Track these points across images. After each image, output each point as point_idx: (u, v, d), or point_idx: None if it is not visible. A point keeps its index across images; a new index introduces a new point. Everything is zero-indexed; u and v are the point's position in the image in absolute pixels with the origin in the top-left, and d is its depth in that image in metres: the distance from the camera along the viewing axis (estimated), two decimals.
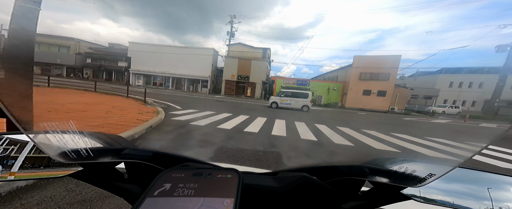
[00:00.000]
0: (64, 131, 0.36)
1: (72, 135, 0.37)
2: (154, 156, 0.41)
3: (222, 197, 0.25)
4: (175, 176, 0.29)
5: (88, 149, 0.37)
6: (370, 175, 0.41)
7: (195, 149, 3.59)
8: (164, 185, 0.27)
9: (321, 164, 0.46)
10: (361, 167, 0.44)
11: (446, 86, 37.97)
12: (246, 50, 33.07)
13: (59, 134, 0.35)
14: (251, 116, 8.93)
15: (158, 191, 0.26)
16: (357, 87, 30.27)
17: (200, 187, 0.27)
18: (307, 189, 0.36)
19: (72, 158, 0.35)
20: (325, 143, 5.07)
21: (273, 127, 6.46)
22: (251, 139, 4.66)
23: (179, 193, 0.26)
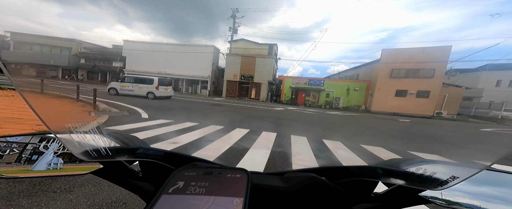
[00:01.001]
0: (86, 131, 0.34)
1: (93, 135, 0.36)
2: (165, 156, 0.38)
3: (231, 197, 0.23)
4: (188, 174, 0.27)
5: (107, 148, 0.35)
6: (384, 177, 0.35)
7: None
8: (177, 183, 0.25)
9: (330, 165, 0.32)
10: (374, 168, 0.37)
11: (492, 85, 25.61)
12: (250, 47, 24.44)
13: (82, 134, 0.34)
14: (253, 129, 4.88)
15: (173, 189, 0.24)
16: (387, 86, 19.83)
17: (210, 186, 0.24)
18: (315, 189, 0.31)
19: (93, 156, 0.33)
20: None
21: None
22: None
23: (191, 191, 0.23)
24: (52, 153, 0.40)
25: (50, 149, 0.40)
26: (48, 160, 0.39)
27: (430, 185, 0.30)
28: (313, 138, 4.55)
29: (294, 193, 0.31)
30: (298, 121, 8.71)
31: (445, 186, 0.29)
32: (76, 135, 0.33)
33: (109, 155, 0.34)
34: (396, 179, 0.34)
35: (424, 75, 19.23)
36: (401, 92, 20.07)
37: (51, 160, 0.39)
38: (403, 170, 0.36)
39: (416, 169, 0.34)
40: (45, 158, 0.39)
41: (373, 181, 0.36)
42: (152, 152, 0.38)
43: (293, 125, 6.82)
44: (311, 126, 7.40)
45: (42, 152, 0.39)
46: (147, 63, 24.09)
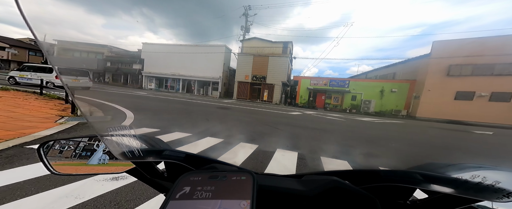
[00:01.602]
0: (124, 134, 0.36)
1: (129, 137, 0.36)
2: (186, 157, 0.37)
3: (238, 199, 0.21)
4: (193, 179, 0.25)
5: (140, 150, 0.35)
6: (425, 183, 0.28)
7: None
8: (184, 188, 0.23)
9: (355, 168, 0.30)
10: (410, 172, 0.30)
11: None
12: (262, 45, 20.39)
13: (121, 137, 0.35)
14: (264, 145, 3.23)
15: (180, 194, 0.22)
16: (441, 87, 13.35)
17: (216, 189, 0.22)
18: (338, 194, 0.27)
19: (128, 157, 0.34)
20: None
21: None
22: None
23: (198, 196, 0.22)
24: (98, 153, 0.42)
25: (99, 150, 0.42)
26: (95, 160, 0.41)
27: (492, 195, 0.24)
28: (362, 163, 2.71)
29: (314, 197, 0.26)
30: (325, 131, 5.58)
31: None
32: (116, 137, 0.34)
33: (141, 156, 0.34)
34: (444, 186, 0.27)
35: (502, 71, 12.18)
36: (466, 94, 13.24)
37: (96, 160, 0.41)
38: (452, 176, 0.28)
39: (472, 177, 0.26)
40: (92, 158, 0.41)
41: (408, 188, 0.29)
42: (175, 154, 0.37)
43: (320, 137, 4.38)
44: (347, 140, 4.55)
45: (89, 153, 0.42)
46: (162, 65, 22.18)
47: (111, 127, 0.33)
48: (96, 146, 0.43)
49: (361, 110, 16.34)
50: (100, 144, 0.43)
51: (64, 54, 8.01)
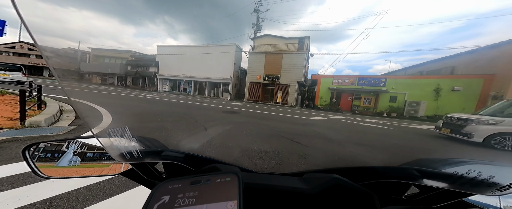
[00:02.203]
0: (122, 135, 0.31)
1: (126, 139, 0.32)
2: (186, 158, 0.34)
3: (225, 201, 0.18)
4: (172, 187, 0.22)
5: (138, 151, 0.31)
6: (421, 179, 0.27)
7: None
8: (162, 198, 0.20)
9: (353, 165, 0.32)
10: (405, 168, 0.30)
11: None
12: (276, 42, 16.59)
13: (119, 138, 0.31)
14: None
15: (158, 205, 0.19)
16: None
17: (200, 194, 0.20)
18: (339, 191, 0.25)
19: (126, 158, 0.30)
20: None
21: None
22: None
23: (179, 204, 0.19)
24: (92, 155, 0.37)
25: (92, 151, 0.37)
26: (88, 162, 0.36)
27: (485, 190, 0.23)
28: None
29: (316, 195, 0.25)
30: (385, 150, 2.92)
31: (506, 191, 0.22)
32: (114, 138, 0.30)
33: (140, 157, 0.31)
34: (440, 182, 0.26)
35: None
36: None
37: (90, 161, 0.37)
38: (449, 172, 0.27)
39: (467, 172, 0.25)
40: (86, 159, 0.37)
41: (404, 183, 0.28)
42: (174, 154, 0.34)
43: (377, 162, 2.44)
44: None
45: (81, 154, 0.37)
46: (175, 67, 20.12)
47: (109, 128, 0.30)
48: (90, 147, 0.37)
49: (405, 114, 11.25)
50: (93, 145, 0.38)
51: (96, 60, 19.50)
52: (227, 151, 2.22)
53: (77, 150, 0.36)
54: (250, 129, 3.73)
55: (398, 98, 12.10)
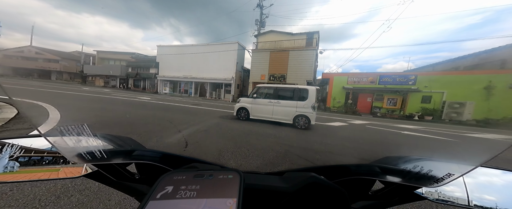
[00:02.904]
0: (79, 134, 0.28)
1: (86, 137, 0.28)
2: (163, 157, 0.31)
3: (224, 198, 0.18)
4: (177, 178, 0.22)
5: (102, 151, 0.28)
6: (381, 175, 0.30)
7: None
8: (166, 187, 0.20)
9: (329, 164, 0.33)
10: (371, 166, 0.32)
11: None
12: (281, 39, 14.70)
13: (75, 136, 0.27)
14: None
15: (161, 194, 0.19)
16: None
17: (202, 188, 0.20)
18: (315, 189, 0.26)
19: (87, 159, 0.27)
20: None
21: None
22: None
23: (181, 195, 0.19)
24: (42, 157, 0.32)
25: (41, 153, 0.32)
26: (40, 164, 0.31)
27: (426, 182, 0.26)
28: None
29: (294, 193, 0.25)
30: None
31: (440, 183, 0.25)
32: (68, 137, 0.26)
33: (105, 157, 0.28)
34: (393, 177, 0.28)
35: None
36: None
37: (40, 164, 0.31)
38: (400, 168, 0.30)
39: (413, 167, 0.28)
40: (32, 160, 0.31)
41: (371, 179, 0.30)
42: (148, 154, 0.32)
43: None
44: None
45: (29, 155, 0.31)
46: (175, 68, 18.74)
47: (60, 126, 0.26)
48: (41, 147, 0.32)
49: (444, 117, 8.91)
50: (45, 146, 0.33)
51: (100, 62, 21.96)
52: (208, 149, 2.07)
53: (26, 151, 0.31)
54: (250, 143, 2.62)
55: (433, 98, 9.77)
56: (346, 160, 2.34)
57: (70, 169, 0.31)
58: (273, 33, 15.93)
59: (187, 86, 19.40)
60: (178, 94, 19.43)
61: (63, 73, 27.91)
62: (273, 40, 15.57)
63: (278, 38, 15.54)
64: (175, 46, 19.47)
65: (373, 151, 3.01)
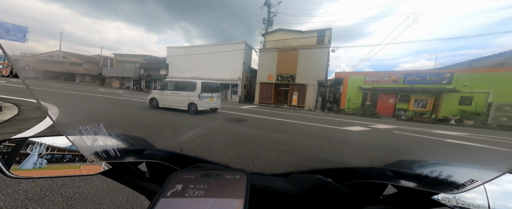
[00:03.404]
0: (96, 133, 0.29)
1: (102, 137, 0.30)
2: (171, 157, 0.32)
3: (231, 198, 0.18)
4: (186, 177, 0.22)
5: (116, 150, 0.29)
6: (394, 179, 0.28)
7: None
8: (175, 186, 0.20)
9: (337, 166, 0.32)
10: (384, 169, 0.30)
11: None
12: (290, 37, 13.79)
13: (93, 136, 0.29)
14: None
15: (171, 192, 0.19)
16: None
17: (209, 188, 0.20)
18: (322, 191, 0.25)
19: (102, 157, 0.29)
20: None
21: None
22: None
23: (190, 194, 0.19)
24: (62, 155, 0.34)
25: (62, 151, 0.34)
26: (61, 161, 0.34)
27: (445, 188, 0.24)
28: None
29: (300, 195, 0.25)
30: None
31: (462, 189, 0.23)
32: (86, 136, 0.27)
33: (118, 156, 0.29)
34: (408, 181, 0.27)
35: None
36: None
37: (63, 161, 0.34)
38: (415, 172, 0.29)
39: (430, 172, 0.26)
40: (55, 158, 0.33)
41: (382, 183, 0.28)
42: (158, 153, 0.32)
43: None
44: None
45: (52, 153, 0.34)
46: (183, 69, 18.71)
47: (81, 126, 0.27)
48: (63, 146, 0.34)
49: (489, 122, 7.16)
50: (67, 144, 0.34)
51: (117, 65, 23.57)
52: (214, 150, 2.13)
53: (50, 149, 0.33)
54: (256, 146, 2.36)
55: (475, 100, 8.02)
56: (354, 163, 2.17)
57: (88, 167, 0.32)
58: (281, 32, 15.09)
59: None
60: None
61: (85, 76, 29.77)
62: (281, 38, 14.71)
63: (287, 36, 14.65)
64: (183, 47, 19.52)
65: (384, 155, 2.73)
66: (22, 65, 0.24)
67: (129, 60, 25.68)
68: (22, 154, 0.32)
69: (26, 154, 0.32)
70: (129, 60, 25.68)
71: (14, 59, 0.21)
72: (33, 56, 23.33)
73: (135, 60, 24.97)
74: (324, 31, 13.76)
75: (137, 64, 23.41)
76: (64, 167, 0.32)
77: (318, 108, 12.83)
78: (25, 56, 21.93)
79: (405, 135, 4.87)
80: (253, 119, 5.35)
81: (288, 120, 5.85)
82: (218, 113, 6.00)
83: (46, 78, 27.33)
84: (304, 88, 13.51)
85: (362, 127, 5.57)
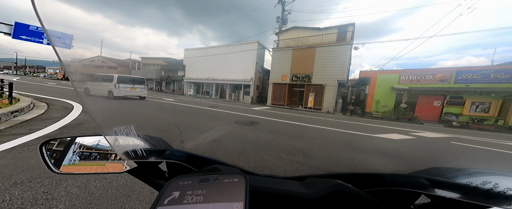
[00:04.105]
0: (128, 134, 0.31)
1: (132, 137, 0.32)
2: (189, 158, 0.33)
3: (231, 202, 0.18)
4: (183, 183, 0.21)
5: (142, 149, 0.31)
6: (431, 188, 0.24)
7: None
8: (173, 193, 0.19)
9: (358, 171, 0.30)
10: (416, 177, 0.26)
11: None
12: (306, 35, 12.69)
13: (125, 136, 0.31)
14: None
15: (168, 200, 0.18)
16: None
17: (208, 193, 0.19)
18: (342, 197, 0.23)
19: (131, 156, 0.30)
20: None
21: None
22: None
23: (188, 200, 0.18)
24: (100, 152, 0.38)
25: (101, 149, 0.38)
26: (96, 160, 0.37)
27: (503, 202, 0.21)
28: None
29: (318, 200, 0.23)
30: None
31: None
32: (120, 137, 0.30)
33: (144, 156, 0.31)
34: (450, 192, 0.23)
35: None
36: None
37: (98, 159, 0.37)
38: (462, 182, 0.25)
39: (482, 183, 0.23)
40: (94, 157, 0.37)
41: (414, 192, 0.25)
42: (177, 154, 0.33)
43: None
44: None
45: (92, 152, 0.38)
46: (198, 70, 19.06)
47: (115, 127, 0.29)
48: (99, 145, 0.38)
49: None
50: (102, 143, 0.38)
51: (144, 68, 25.62)
52: (229, 152, 2.10)
53: (88, 148, 0.37)
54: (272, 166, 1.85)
55: None
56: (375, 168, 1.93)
57: (114, 165, 0.34)
58: (296, 30, 14.05)
59: (209, 87, 19.29)
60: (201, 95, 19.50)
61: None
62: (296, 37, 13.67)
63: (302, 34, 13.54)
64: (198, 49, 19.94)
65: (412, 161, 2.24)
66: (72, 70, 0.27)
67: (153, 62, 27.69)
68: (65, 152, 0.36)
69: (67, 153, 0.36)
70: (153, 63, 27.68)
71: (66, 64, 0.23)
72: (80, 61, 27.00)
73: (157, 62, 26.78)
74: (346, 26, 12.25)
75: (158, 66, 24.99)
76: (97, 165, 0.34)
77: (338, 110, 11.24)
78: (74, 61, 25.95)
79: (475, 148, 3.38)
80: (265, 122, 4.63)
81: (306, 124, 4.85)
82: (227, 115, 5.50)
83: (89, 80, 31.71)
84: (321, 88, 12.10)
85: (402, 135, 4.21)
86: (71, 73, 0.26)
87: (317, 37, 12.86)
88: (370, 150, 2.70)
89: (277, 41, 14.59)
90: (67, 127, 2.71)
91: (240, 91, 16.71)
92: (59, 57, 0.20)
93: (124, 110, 4.83)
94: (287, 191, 0.23)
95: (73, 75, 0.25)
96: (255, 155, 2.05)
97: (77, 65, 0.33)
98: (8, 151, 1.66)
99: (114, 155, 0.36)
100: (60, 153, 0.36)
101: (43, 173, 1.28)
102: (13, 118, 2.96)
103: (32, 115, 3.21)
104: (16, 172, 1.27)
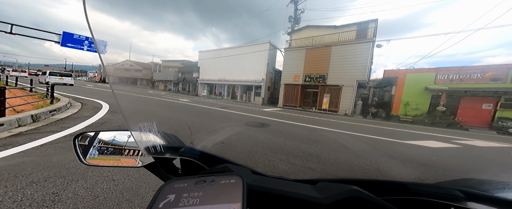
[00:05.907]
0: (150, 130, 0.32)
1: (153, 133, 0.33)
2: (201, 156, 0.32)
3: (228, 203, 0.17)
4: (178, 186, 0.20)
5: (161, 146, 0.32)
6: (464, 201, 0.22)
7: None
8: (168, 196, 0.18)
9: (377, 178, 0.27)
10: (446, 188, 0.24)
11: None
12: (321, 34, 11.66)
13: (147, 133, 0.32)
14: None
15: (163, 203, 0.18)
16: None
17: (205, 195, 0.18)
18: (358, 204, 0.21)
19: (151, 152, 0.31)
20: None
21: None
22: None
23: (184, 203, 0.17)
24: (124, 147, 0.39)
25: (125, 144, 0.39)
26: (120, 154, 0.38)
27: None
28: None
29: (330, 206, 0.21)
30: None
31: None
32: (144, 133, 0.31)
33: (161, 152, 0.31)
34: (491, 207, 0.21)
35: None
36: None
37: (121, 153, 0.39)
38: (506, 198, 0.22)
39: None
40: (119, 151, 0.39)
41: (442, 204, 0.22)
42: (191, 152, 0.33)
43: None
44: None
45: (117, 146, 0.39)
46: (212, 71, 19.13)
47: (140, 123, 0.30)
48: (114, 140, 0.40)
49: None
50: (118, 139, 0.40)
51: (164, 70, 27.24)
52: (240, 152, 2.02)
53: (114, 142, 0.39)
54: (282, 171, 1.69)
55: None
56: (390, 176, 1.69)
57: (127, 160, 0.35)
58: (310, 28, 13.06)
59: (221, 88, 19.21)
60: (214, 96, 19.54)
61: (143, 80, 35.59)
62: (309, 36, 12.69)
63: (317, 33, 12.51)
64: (212, 51, 20.03)
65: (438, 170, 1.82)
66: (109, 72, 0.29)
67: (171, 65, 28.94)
68: (89, 146, 0.38)
69: (91, 146, 0.38)
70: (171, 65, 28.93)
71: (106, 68, 0.25)
72: (113, 65, 29.62)
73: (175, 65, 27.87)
74: (367, 23, 10.91)
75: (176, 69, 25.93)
76: (113, 159, 0.36)
77: (357, 113, 9.96)
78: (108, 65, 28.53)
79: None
80: (276, 124, 4.12)
81: (320, 127, 4.18)
82: (236, 115, 5.15)
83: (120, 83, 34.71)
84: (338, 89, 10.92)
85: (443, 143, 3.31)
86: (109, 75, 0.27)
87: (333, 36, 11.73)
88: (401, 159, 2.18)
89: (290, 41, 13.78)
90: (92, 126, 2.70)
91: (251, 92, 16.22)
92: (102, 61, 0.22)
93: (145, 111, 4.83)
94: (297, 194, 0.21)
95: (111, 78, 0.28)
96: (264, 159, 1.84)
97: (110, 69, 0.34)
98: (36, 148, 1.64)
99: (127, 150, 0.36)
100: (90, 146, 0.38)
101: (59, 172, 1.25)
102: (51, 116, 3.06)
103: (67, 114, 3.31)
104: (36, 170, 1.25)
